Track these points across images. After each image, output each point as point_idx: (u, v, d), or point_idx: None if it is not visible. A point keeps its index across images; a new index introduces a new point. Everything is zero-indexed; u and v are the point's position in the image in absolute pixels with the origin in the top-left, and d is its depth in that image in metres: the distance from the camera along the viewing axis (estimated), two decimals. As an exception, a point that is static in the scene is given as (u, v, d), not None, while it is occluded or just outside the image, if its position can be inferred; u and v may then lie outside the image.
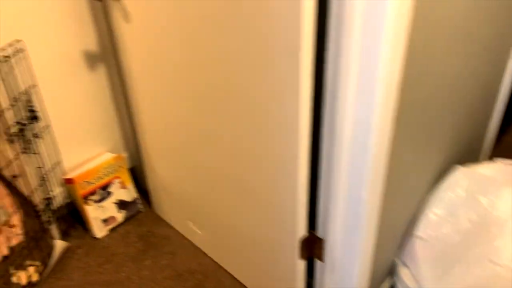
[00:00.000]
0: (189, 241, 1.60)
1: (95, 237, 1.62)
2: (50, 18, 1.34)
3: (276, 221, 1.15)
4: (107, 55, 1.53)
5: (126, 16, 1.21)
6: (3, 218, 1.59)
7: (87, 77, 1.51)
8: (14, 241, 1.50)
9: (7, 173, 1.55)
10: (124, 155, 1.72)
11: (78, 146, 1.59)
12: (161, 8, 1.08)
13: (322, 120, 0.95)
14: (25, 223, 1.56)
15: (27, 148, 1.37)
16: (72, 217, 1.68)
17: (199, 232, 1.52)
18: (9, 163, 1.55)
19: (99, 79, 1.55)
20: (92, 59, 1.50)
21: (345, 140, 0.94)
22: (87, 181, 1.59)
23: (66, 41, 1.41)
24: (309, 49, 0.84)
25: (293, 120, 0.93)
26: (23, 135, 1.33)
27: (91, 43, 1.47)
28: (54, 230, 1.58)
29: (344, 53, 0.83)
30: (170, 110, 1.28)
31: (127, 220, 1.70)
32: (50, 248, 1.55)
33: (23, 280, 1.42)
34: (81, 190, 1.57)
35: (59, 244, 1.57)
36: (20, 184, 1.64)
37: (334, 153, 0.97)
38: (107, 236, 1.64)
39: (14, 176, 1.66)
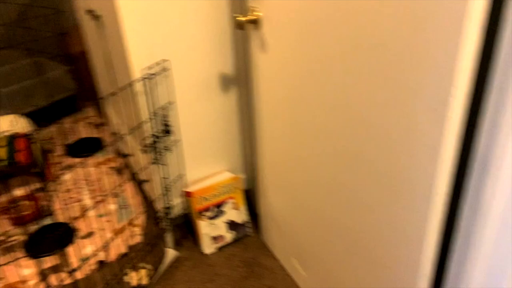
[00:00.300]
0: (292, 279, 1.54)
1: (203, 253, 1.67)
2: (195, 42, 1.42)
3: None
4: (240, 80, 1.57)
5: (263, 46, 1.21)
6: (129, 217, 1.73)
7: (219, 98, 1.57)
8: (134, 241, 1.62)
9: (139, 177, 1.68)
10: (241, 176, 1.74)
11: (201, 162, 1.66)
12: (300, 43, 1.06)
13: (463, 192, 0.82)
14: (146, 226, 1.68)
15: (157, 158, 1.45)
16: (185, 229, 1.75)
17: (304, 273, 1.45)
18: (141, 169, 1.68)
19: (229, 101, 1.59)
20: (225, 82, 1.55)
21: (491, 219, 0.79)
22: (204, 197, 1.64)
23: (206, 64, 1.48)
24: (459, 113, 0.72)
25: (428, 186, 0.81)
26: (155, 147, 1.41)
27: (227, 67, 1.52)
28: (169, 238, 1.66)
29: (503, 129, 0.70)
30: (293, 145, 1.24)
31: (234, 241, 1.71)
32: (162, 254, 1.63)
33: (134, 281, 1.51)
34: (197, 205, 1.63)
35: (171, 253, 1.65)
36: (147, 189, 1.76)
37: (473, 231, 0.82)
38: (214, 254, 1.67)
39: (144, 181, 1.79)
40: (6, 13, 2.72)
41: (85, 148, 2.24)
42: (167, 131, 1.43)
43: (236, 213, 1.71)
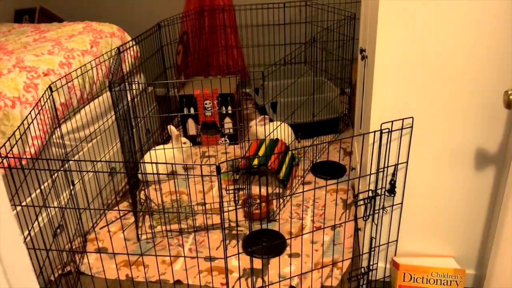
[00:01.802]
0: None
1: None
2: (456, 106, 1.23)
3: None
4: (504, 160, 1.27)
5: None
6: (336, 256, 1.69)
7: (466, 173, 1.32)
8: (329, 283, 1.58)
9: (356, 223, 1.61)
10: (469, 272, 1.43)
11: (420, 235, 1.45)
12: None
13: None
14: (348, 273, 1.61)
15: (370, 215, 1.35)
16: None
17: None
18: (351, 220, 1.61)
19: (479, 181, 1.32)
20: (482, 158, 1.28)
21: None
22: (412, 275, 1.44)
23: (463, 133, 1.26)
24: None
25: None
26: (371, 203, 1.32)
27: (492, 142, 1.26)
28: (361, 297, 1.55)
29: None
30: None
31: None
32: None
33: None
34: (401, 281, 1.44)
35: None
36: (359, 239, 1.67)
37: None
38: None
39: (358, 230, 1.71)
40: (309, 33, 3.07)
41: (328, 170, 2.31)
42: (390, 191, 1.31)
43: (446, 309, 1.43)
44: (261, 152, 2.23)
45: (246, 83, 3.27)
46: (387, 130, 1.20)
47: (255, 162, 2.15)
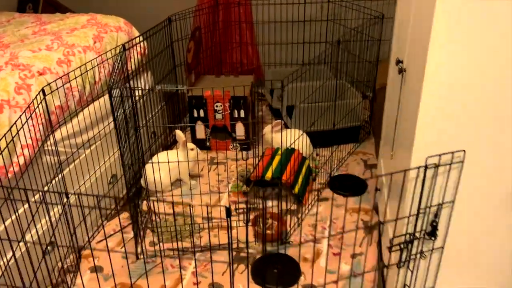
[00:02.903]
0: None
1: None
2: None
3: None
4: None
5: None
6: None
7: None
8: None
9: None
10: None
11: (459, 282, 1.25)
12: None
13: None
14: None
15: (406, 261, 1.16)
16: None
17: None
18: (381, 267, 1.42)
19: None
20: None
21: None
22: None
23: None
24: None
25: None
26: (408, 248, 1.12)
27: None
28: None
29: None
30: None
31: None
32: None
33: None
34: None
35: None
36: (386, 276, 1.49)
37: None
38: None
39: (384, 267, 1.52)
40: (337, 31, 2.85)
41: (347, 185, 2.12)
42: (431, 234, 1.11)
43: None
44: (275, 163, 2.04)
45: (260, 83, 3.07)
46: (434, 165, 1.00)
47: (269, 175, 1.96)
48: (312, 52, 2.95)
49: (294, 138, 2.21)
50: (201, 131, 2.47)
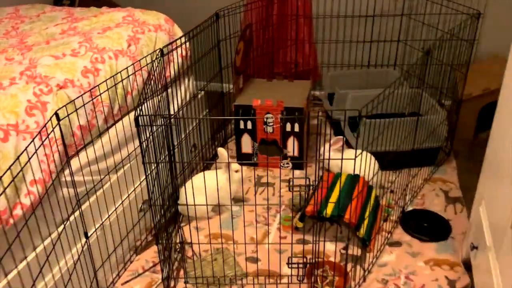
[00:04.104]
0: None
1: None
2: None
3: None
4: None
5: None
6: None
7: None
8: None
9: None
10: None
11: None
12: None
13: None
14: None
15: None
16: None
17: None
18: None
19: None
20: None
21: None
22: None
23: None
24: None
25: None
26: None
27: None
28: None
29: None
30: None
31: None
32: None
33: None
34: None
35: None
36: None
37: None
38: None
39: None
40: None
41: (425, 227, 1.72)
42: None
43: None
44: (335, 194, 1.68)
45: (317, 86, 2.69)
46: None
47: (328, 211, 1.60)
48: (381, 53, 2.51)
49: (360, 161, 1.81)
50: (247, 145, 2.15)
